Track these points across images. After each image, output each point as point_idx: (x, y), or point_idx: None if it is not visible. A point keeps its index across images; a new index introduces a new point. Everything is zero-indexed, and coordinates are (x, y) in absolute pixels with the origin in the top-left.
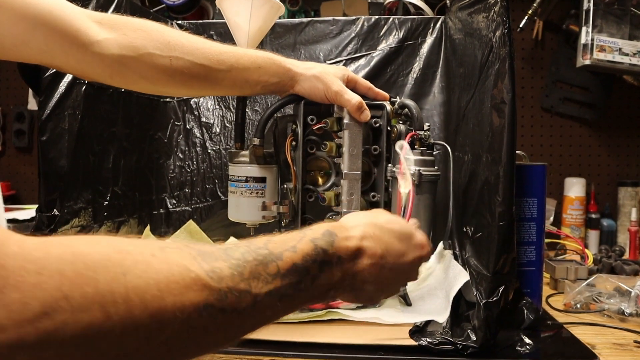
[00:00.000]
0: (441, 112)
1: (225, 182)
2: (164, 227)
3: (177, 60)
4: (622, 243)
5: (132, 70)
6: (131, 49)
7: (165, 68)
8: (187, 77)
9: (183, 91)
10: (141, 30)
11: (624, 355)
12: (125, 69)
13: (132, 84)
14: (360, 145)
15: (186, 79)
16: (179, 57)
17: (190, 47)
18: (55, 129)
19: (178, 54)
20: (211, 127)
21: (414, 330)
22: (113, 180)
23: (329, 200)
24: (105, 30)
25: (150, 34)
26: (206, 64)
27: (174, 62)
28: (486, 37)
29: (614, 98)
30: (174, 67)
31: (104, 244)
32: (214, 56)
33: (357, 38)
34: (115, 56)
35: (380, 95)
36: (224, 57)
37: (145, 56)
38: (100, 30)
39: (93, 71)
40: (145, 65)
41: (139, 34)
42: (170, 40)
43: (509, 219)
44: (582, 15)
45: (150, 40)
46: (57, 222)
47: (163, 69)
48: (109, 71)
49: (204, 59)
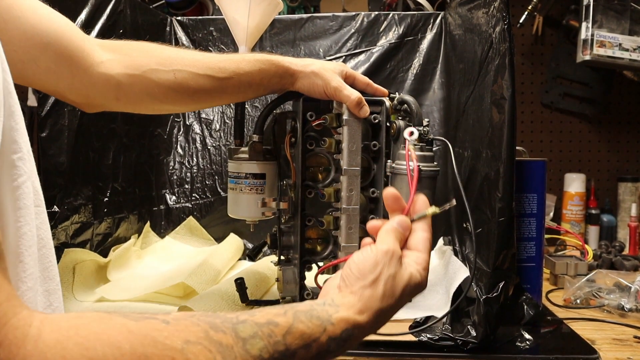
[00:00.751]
0: (441, 108)
1: (225, 178)
2: (164, 223)
3: (180, 73)
4: (622, 239)
5: (137, 89)
6: (134, 67)
7: (170, 83)
8: (192, 89)
9: (191, 105)
10: (141, 49)
11: (623, 351)
12: (130, 89)
13: (139, 104)
14: (359, 141)
15: (192, 91)
16: (182, 69)
17: (191, 59)
18: (55, 126)
19: (180, 67)
20: (211, 123)
21: (414, 325)
22: (113, 177)
23: (328, 196)
24: (108, 52)
25: (150, 52)
26: (209, 74)
27: (178, 75)
28: (486, 32)
29: (614, 93)
30: (178, 80)
31: (126, 350)
32: (214, 65)
33: (357, 34)
34: (121, 75)
35: (379, 91)
36: (224, 64)
37: (149, 72)
38: (104, 52)
39: (99, 94)
40: (150, 82)
41: (139, 52)
42: (170, 55)
43: (508, 214)
44: (582, 10)
45: (151, 56)
46: (57, 218)
47: (168, 84)
48: (115, 92)
49: (206, 68)
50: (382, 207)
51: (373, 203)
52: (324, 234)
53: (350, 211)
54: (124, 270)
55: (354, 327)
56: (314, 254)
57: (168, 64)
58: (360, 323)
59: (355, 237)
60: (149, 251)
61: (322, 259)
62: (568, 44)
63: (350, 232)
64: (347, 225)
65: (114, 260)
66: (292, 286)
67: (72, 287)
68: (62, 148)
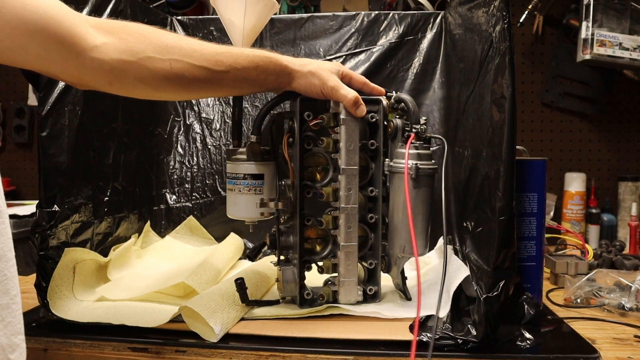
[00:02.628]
0: (441, 107)
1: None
2: (164, 223)
3: (176, 63)
4: (622, 238)
5: (131, 75)
6: (130, 53)
7: (165, 72)
8: (187, 80)
9: (184, 95)
10: (138, 33)
11: (624, 350)
12: (124, 75)
13: (132, 90)
14: (357, 140)
15: (187, 82)
16: (178, 59)
17: (188, 49)
18: (55, 125)
19: (177, 57)
20: (211, 122)
21: (414, 325)
22: (113, 176)
23: (327, 195)
24: (103, 34)
25: (148, 37)
26: (205, 66)
27: (174, 65)
28: (486, 32)
29: (614, 93)
30: (174, 70)
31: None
32: (212, 57)
33: (357, 33)
34: (115, 61)
35: (376, 90)
36: (222, 57)
37: (144, 60)
38: (98, 34)
39: (91, 78)
40: (145, 69)
41: (136, 38)
42: (168, 43)
43: (509, 214)
44: (583, 9)
45: (148, 43)
46: (58, 217)
47: (164, 74)
48: (108, 77)
49: (203, 60)
50: (380, 206)
51: (371, 202)
52: (323, 233)
53: (349, 210)
54: (124, 269)
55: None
56: (313, 254)
57: (165, 53)
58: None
59: (355, 236)
60: (149, 251)
61: (322, 259)
62: (568, 43)
63: (350, 231)
64: (346, 225)
65: (114, 259)
66: (292, 286)
67: (72, 286)
68: (62, 147)
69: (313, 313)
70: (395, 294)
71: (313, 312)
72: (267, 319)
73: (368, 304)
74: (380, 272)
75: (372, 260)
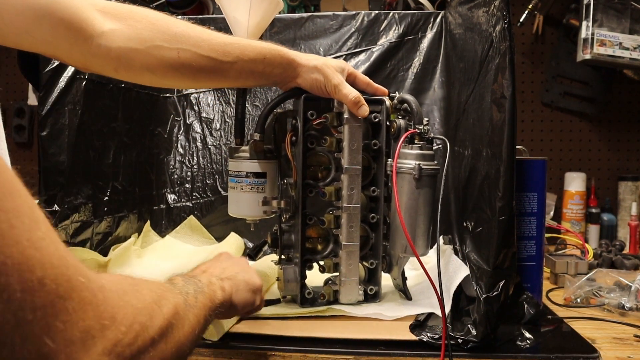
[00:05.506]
0: (441, 107)
1: (226, 177)
2: (165, 222)
3: (184, 53)
4: (622, 237)
5: (138, 63)
6: (138, 41)
7: (172, 61)
8: (194, 70)
9: (190, 84)
10: (147, 20)
11: (624, 350)
12: (131, 62)
13: (138, 77)
14: (360, 140)
15: (193, 72)
16: (186, 49)
17: (197, 38)
18: (55, 125)
19: (185, 46)
20: (211, 122)
21: (414, 325)
22: (113, 176)
23: (329, 195)
24: (110, 20)
25: (156, 25)
26: (213, 56)
27: (181, 54)
28: (486, 31)
29: (615, 92)
30: (181, 60)
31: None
32: (220, 48)
33: (357, 33)
34: (122, 49)
35: (379, 90)
36: (230, 48)
37: (152, 48)
38: (105, 20)
39: (97, 64)
40: (152, 58)
41: (144, 25)
42: (176, 32)
43: (509, 213)
44: (583, 9)
45: (156, 31)
46: (58, 217)
47: (171, 63)
48: (114, 64)
49: (210, 50)
50: (382, 206)
51: (373, 202)
52: (325, 232)
53: (351, 210)
54: (124, 269)
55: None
56: (314, 253)
57: (173, 42)
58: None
59: (356, 236)
60: (149, 250)
61: (323, 258)
62: (568, 42)
63: (351, 231)
64: (348, 224)
65: (114, 259)
66: (293, 285)
67: None
68: (62, 147)
69: (314, 313)
70: (395, 293)
71: (314, 312)
72: (267, 317)
73: (369, 304)
74: (381, 272)
75: (373, 260)
